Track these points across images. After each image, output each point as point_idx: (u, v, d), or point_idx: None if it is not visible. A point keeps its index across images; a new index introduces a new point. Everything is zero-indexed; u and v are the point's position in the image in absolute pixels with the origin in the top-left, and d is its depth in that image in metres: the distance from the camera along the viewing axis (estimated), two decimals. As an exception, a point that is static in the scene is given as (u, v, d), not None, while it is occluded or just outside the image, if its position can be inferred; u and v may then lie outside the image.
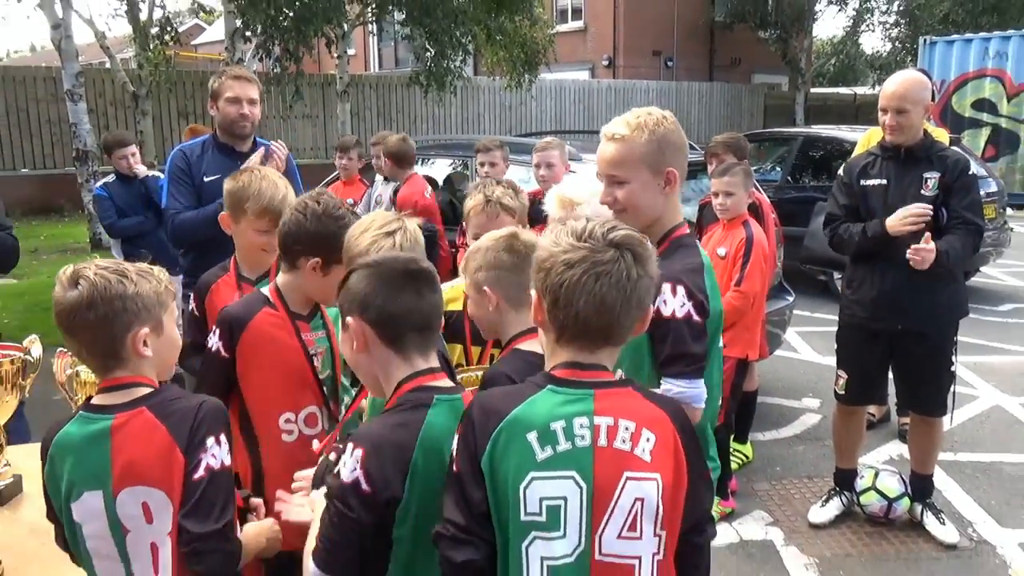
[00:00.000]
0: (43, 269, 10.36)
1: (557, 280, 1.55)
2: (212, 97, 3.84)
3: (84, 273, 1.69)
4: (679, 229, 2.18)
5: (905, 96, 3.63)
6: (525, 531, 1.49)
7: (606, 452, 1.51)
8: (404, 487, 1.58)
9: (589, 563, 1.50)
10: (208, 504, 1.65)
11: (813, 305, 7.76)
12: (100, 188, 5.72)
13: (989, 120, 15.61)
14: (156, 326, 1.74)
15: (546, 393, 1.55)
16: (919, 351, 3.80)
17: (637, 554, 1.53)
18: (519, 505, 1.48)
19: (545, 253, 1.60)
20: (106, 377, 1.74)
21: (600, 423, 1.52)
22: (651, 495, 1.52)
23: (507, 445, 1.50)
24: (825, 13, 36.69)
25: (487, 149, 5.11)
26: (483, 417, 1.53)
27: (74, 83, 11.38)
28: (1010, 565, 3.76)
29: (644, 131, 2.07)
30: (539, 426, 1.51)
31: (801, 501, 4.31)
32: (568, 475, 1.49)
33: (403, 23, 15.33)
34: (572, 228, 1.61)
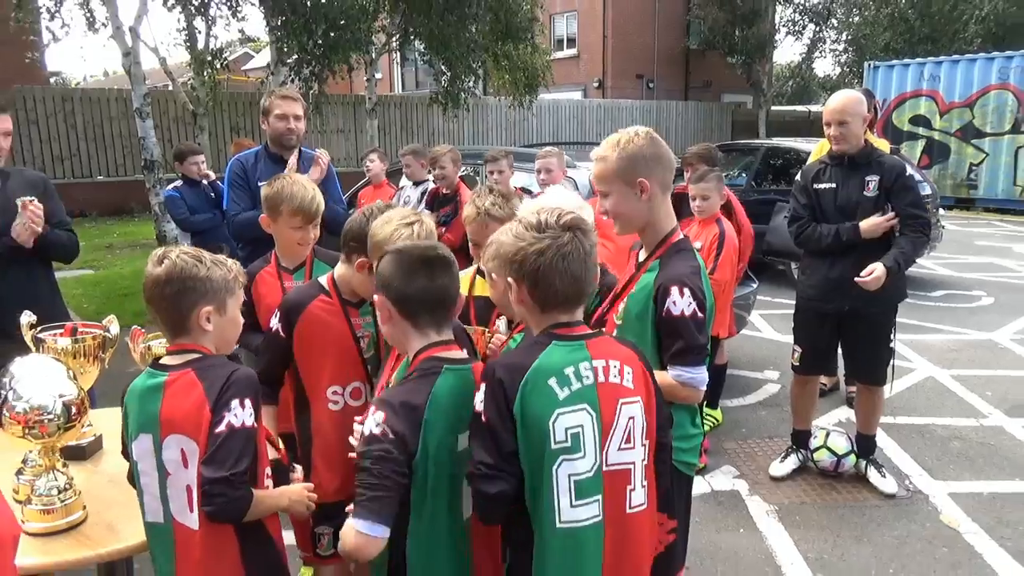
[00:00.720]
0: (116, 262, 10.38)
1: (532, 267, 1.63)
2: (263, 114, 3.85)
3: (169, 255, 1.77)
4: (673, 235, 2.15)
5: (844, 110, 3.64)
6: (555, 457, 1.58)
7: (605, 386, 1.64)
8: (418, 441, 1.60)
9: (602, 473, 1.62)
10: (223, 455, 1.65)
11: (773, 291, 7.74)
12: (172, 190, 5.71)
13: (924, 133, 15.54)
14: (220, 307, 1.79)
15: (553, 347, 1.63)
16: (863, 329, 3.80)
17: (632, 460, 1.67)
18: (549, 437, 1.57)
19: (513, 248, 1.66)
20: (173, 343, 1.80)
21: (597, 365, 1.64)
22: (638, 414, 1.68)
23: (533, 391, 1.58)
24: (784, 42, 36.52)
25: (495, 159, 5.11)
26: (509, 373, 1.59)
27: (142, 103, 11.34)
28: (940, 511, 3.76)
29: (616, 150, 2.09)
30: (556, 372, 1.60)
31: (763, 457, 4.31)
32: (582, 407, 1.60)
33: (423, 52, 15.30)
34: (528, 223, 1.67)
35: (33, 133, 14.14)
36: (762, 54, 23.59)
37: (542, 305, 1.67)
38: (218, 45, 12.98)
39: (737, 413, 4.98)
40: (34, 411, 1.81)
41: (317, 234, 2.73)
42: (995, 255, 10.58)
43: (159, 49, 12.09)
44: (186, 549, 1.72)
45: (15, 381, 1.82)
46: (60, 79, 29.21)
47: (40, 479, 1.92)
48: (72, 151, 14.63)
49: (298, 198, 2.61)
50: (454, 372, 1.69)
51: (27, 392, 1.82)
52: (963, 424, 4.79)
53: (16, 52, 13.44)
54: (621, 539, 1.65)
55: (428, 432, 1.61)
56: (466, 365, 1.73)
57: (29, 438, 1.85)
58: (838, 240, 3.68)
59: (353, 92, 19.82)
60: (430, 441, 1.62)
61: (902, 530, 3.58)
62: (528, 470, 1.60)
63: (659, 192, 2.10)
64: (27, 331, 2.28)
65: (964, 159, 15.20)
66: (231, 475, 1.64)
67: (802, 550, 3.42)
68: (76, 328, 2.33)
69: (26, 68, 13.85)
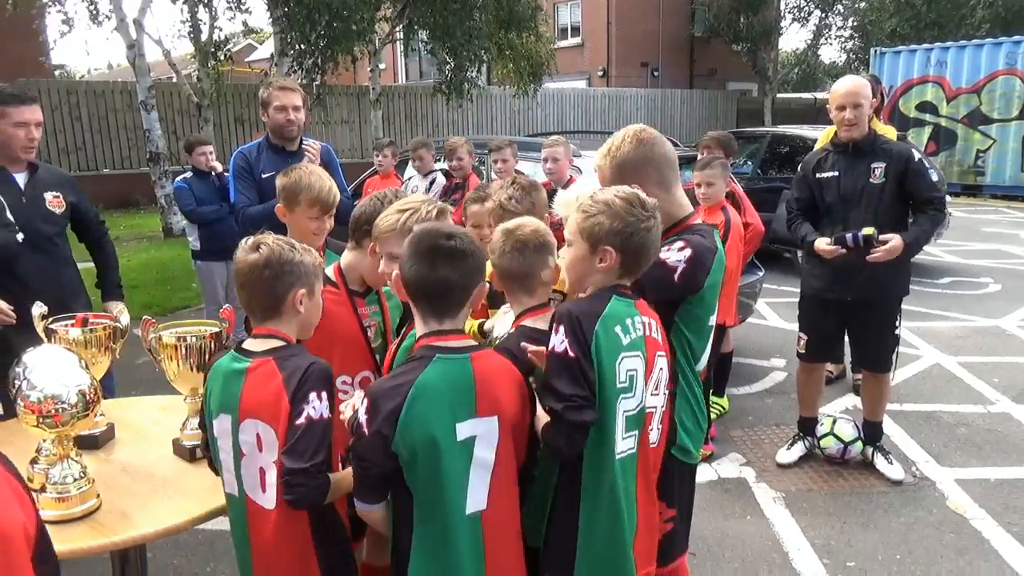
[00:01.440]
0: (123, 254, 10.35)
1: (638, 241, 1.82)
2: (263, 106, 3.83)
3: (264, 241, 1.86)
4: (690, 219, 2.16)
5: (858, 92, 3.62)
6: (618, 394, 1.77)
7: (649, 339, 1.85)
8: (394, 429, 1.61)
9: (643, 411, 1.84)
10: (303, 446, 1.69)
11: (779, 279, 7.72)
12: (180, 181, 5.73)
13: (931, 120, 15.43)
14: (310, 291, 1.89)
15: (615, 300, 1.82)
16: (868, 318, 3.81)
17: (656, 404, 1.90)
18: (615, 376, 1.76)
19: (621, 223, 1.80)
20: (258, 326, 1.87)
21: (644, 320, 1.85)
22: (664, 365, 1.92)
23: (605, 334, 1.75)
24: (789, 29, 36.29)
25: (499, 148, 5.10)
26: (586, 316, 1.75)
27: (146, 95, 11.37)
28: (947, 497, 3.77)
29: (607, 159, 2.17)
30: (621, 321, 1.79)
31: (770, 445, 4.32)
32: (637, 354, 1.81)
33: (427, 40, 15.25)
34: (631, 200, 1.83)
35: (38, 126, 14.15)
36: (767, 41, 23.47)
37: (623, 272, 1.85)
38: (222, 37, 12.99)
39: (744, 401, 4.99)
40: (48, 400, 1.83)
41: (332, 225, 2.74)
42: (1002, 242, 10.54)
43: (163, 41, 12.11)
44: (259, 524, 1.80)
45: (29, 371, 1.84)
46: (65, 72, 29.21)
47: (54, 467, 1.94)
48: (77, 144, 14.65)
49: (316, 188, 2.62)
50: (447, 361, 1.68)
51: (41, 382, 1.84)
52: (970, 411, 4.78)
53: (21, 45, 13.46)
54: (645, 469, 1.89)
55: (411, 421, 1.61)
56: (464, 354, 1.71)
57: (43, 427, 1.87)
58: (802, 243, 3.78)
59: (357, 83, 19.79)
60: (415, 430, 1.61)
61: (909, 516, 3.59)
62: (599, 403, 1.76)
63: (658, 191, 2.06)
64: (39, 322, 2.30)
65: (971, 145, 15.11)
66: (311, 466, 1.69)
67: (809, 536, 3.44)
68: (87, 319, 2.35)
69: (31, 61, 13.86)
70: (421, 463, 1.63)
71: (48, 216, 3.14)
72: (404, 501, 1.68)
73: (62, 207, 3.20)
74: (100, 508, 1.96)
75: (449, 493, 1.65)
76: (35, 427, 1.87)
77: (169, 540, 3.32)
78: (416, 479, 1.65)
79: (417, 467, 1.63)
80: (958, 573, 3.17)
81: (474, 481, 1.67)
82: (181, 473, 2.17)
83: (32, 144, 3.02)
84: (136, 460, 2.25)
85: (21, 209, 3.02)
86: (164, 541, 3.28)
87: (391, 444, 1.61)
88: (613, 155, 2.13)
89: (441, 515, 1.66)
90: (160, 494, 2.05)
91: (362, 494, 1.72)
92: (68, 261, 3.28)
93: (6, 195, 2.98)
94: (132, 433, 2.45)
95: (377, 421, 1.61)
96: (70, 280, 3.25)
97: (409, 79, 27.83)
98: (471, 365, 1.69)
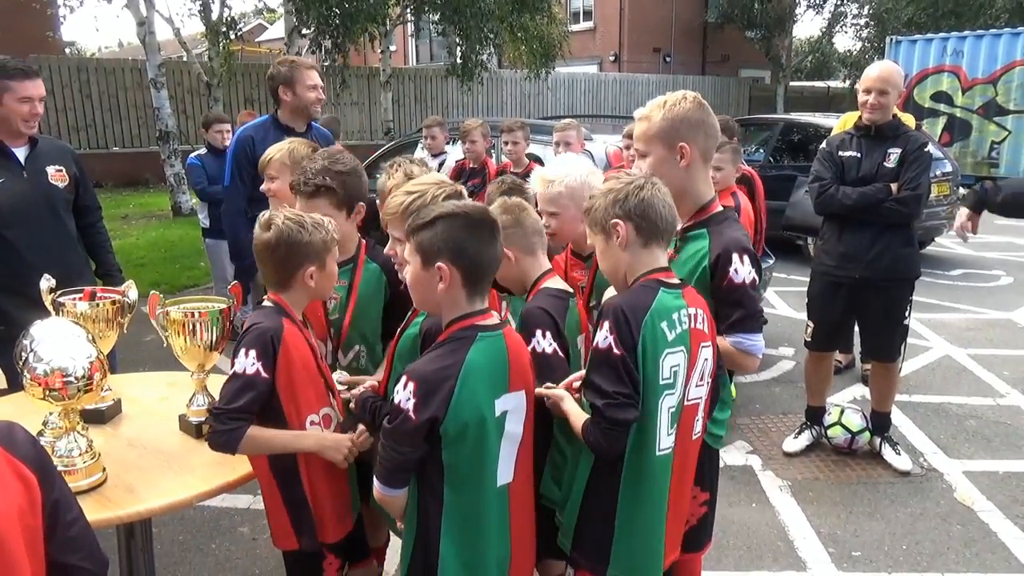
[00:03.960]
0: (132, 232, 10.44)
1: (637, 200, 1.77)
2: (285, 83, 3.65)
3: (275, 221, 1.95)
4: (714, 203, 2.13)
5: (888, 79, 3.63)
6: (662, 390, 1.75)
7: (694, 331, 1.80)
8: (446, 411, 1.60)
9: (684, 405, 1.81)
10: (222, 392, 1.87)
11: (789, 268, 7.68)
12: (194, 158, 5.71)
13: (945, 110, 15.26)
14: (321, 265, 1.99)
15: (663, 293, 1.77)
16: (877, 304, 3.79)
17: (701, 396, 1.87)
18: (659, 372, 1.73)
19: (613, 194, 1.80)
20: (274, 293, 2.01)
21: (691, 312, 1.80)
22: (710, 356, 1.86)
23: (651, 331, 1.72)
24: (804, 16, 35.92)
25: (511, 130, 5.07)
26: (633, 312, 1.72)
27: (156, 73, 11.34)
28: (955, 489, 3.75)
29: (661, 110, 2.07)
30: (667, 317, 1.75)
31: (777, 434, 4.31)
32: (680, 349, 1.77)
33: (437, 22, 15.14)
34: (612, 178, 1.82)
35: (49, 103, 14.04)
36: (781, 28, 23.23)
37: (646, 238, 1.79)
38: (232, 15, 12.92)
39: (751, 389, 4.97)
40: (55, 373, 1.82)
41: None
42: (1015, 234, 10.44)
43: (173, 19, 12.06)
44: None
45: (36, 343, 1.83)
46: (75, 49, 29.19)
47: (60, 440, 1.94)
48: (87, 121, 14.64)
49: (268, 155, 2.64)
50: (487, 339, 1.69)
51: (48, 354, 1.83)
52: (979, 403, 4.75)
53: (31, 22, 13.43)
54: (683, 463, 1.87)
55: (463, 401, 1.61)
56: (498, 331, 1.72)
57: (50, 400, 1.86)
58: (863, 199, 3.65)
59: (367, 64, 19.72)
60: (464, 410, 1.62)
61: (916, 507, 3.58)
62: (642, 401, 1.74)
63: (699, 160, 2.07)
64: (47, 295, 2.29)
65: (986, 137, 14.93)
66: (218, 411, 1.85)
67: (815, 525, 3.43)
68: (95, 293, 2.34)
69: (42, 38, 13.85)
70: (468, 441, 1.64)
71: (50, 191, 3.08)
72: (431, 476, 1.67)
73: (65, 181, 3.13)
74: (106, 482, 1.96)
75: (485, 467, 1.68)
76: (41, 399, 1.86)
77: (174, 516, 3.35)
78: (459, 455, 1.65)
79: (462, 445, 1.64)
80: (964, 565, 3.15)
81: (504, 454, 1.70)
82: (187, 449, 2.16)
83: (34, 119, 2.96)
84: (143, 435, 2.25)
85: (22, 184, 2.98)
86: (169, 517, 3.31)
87: (439, 426, 1.60)
88: (670, 109, 2.05)
89: (474, 488, 1.68)
90: (166, 469, 2.04)
91: (390, 480, 1.68)
92: (72, 238, 3.21)
93: (6, 170, 2.94)
94: (139, 408, 2.44)
95: (431, 406, 1.59)
96: (74, 258, 3.19)
97: (420, 61, 27.69)
98: (504, 342, 1.72)
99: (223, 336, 2.21)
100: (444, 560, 1.67)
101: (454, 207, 1.71)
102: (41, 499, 1.13)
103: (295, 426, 1.97)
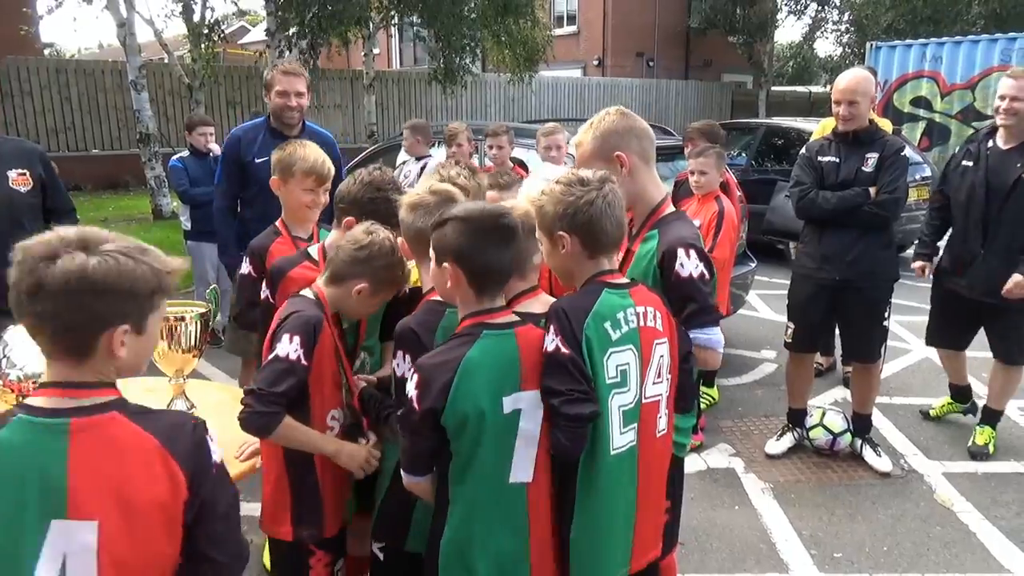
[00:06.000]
0: (112, 235, 10.30)
1: (584, 217, 1.77)
2: (265, 88, 3.77)
3: (379, 232, 2.05)
4: (664, 204, 2.19)
5: (856, 89, 3.67)
6: (609, 389, 1.75)
7: (645, 329, 1.81)
8: (444, 403, 1.65)
9: (640, 404, 1.81)
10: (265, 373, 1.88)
11: (771, 272, 7.73)
12: (176, 160, 5.67)
13: (925, 115, 15.42)
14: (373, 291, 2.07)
15: (605, 294, 1.79)
16: (857, 305, 3.82)
17: (660, 393, 1.87)
18: (604, 372, 1.74)
19: (563, 203, 1.78)
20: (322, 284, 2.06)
21: (640, 310, 1.81)
22: (666, 352, 1.87)
23: (594, 331, 1.73)
24: (785, 21, 36.22)
25: (495, 134, 5.07)
26: (574, 313, 1.73)
27: (137, 75, 11.23)
28: (935, 490, 3.78)
29: (589, 132, 2.16)
30: (610, 317, 1.76)
31: (759, 436, 4.33)
32: (629, 348, 1.78)
33: (419, 26, 15.10)
34: (568, 181, 1.81)
35: (27, 105, 13.96)
36: (763, 34, 23.39)
37: (591, 251, 1.81)
38: (214, 18, 12.84)
39: (733, 392, 4.99)
40: (28, 379, 1.80)
41: (327, 200, 2.70)
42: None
43: (154, 21, 11.96)
44: None
45: (9, 349, 1.81)
46: (54, 50, 28.87)
47: (35, 448, 1.90)
48: (67, 124, 14.47)
49: (311, 159, 2.63)
50: (493, 337, 1.71)
51: (21, 360, 1.80)
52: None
53: (8, 23, 13.27)
54: (648, 461, 1.86)
55: (460, 396, 1.65)
56: (508, 330, 1.74)
57: (24, 406, 1.83)
58: (842, 203, 3.69)
59: (351, 67, 19.65)
60: (465, 405, 1.65)
61: (896, 509, 3.60)
62: None
63: (640, 163, 2.14)
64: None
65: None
66: (257, 392, 1.85)
67: (797, 527, 3.44)
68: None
69: (19, 39, 13.67)
70: (467, 433, 1.68)
71: (11, 196, 3.00)
72: (444, 464, 1.74)
73: (29, 184, 3.06)
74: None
75: (487, 461, 1.70)
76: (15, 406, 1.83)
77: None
78: (461, 447, 1.69)
79: (462, 437, 1.68)
80: (944, 565, 3.18)
81: (520, 453, 1.71)
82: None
83: None
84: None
85: None
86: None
87: (440, 418, 1.66)
88: (596, 126, 2.14)
89: (479, 481, 1.71)
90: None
91: (412, 466, 1.77)
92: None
93: None
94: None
95: (429, 397, 1.65)
96: None
97: (403, 65, 27.65)
98: (515, 340, 1.73)
99: (203, 340, 2.19)
100: (445, 542, 1.73)
101: (467, 210, 1.73)
102: (187, 497, 1.27)
103: (317, 419, 2.02)
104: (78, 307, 1.20)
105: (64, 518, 1.20)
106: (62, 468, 1.20)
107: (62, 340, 1.24)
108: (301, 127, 3.81)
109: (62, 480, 1.20)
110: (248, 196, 3.79)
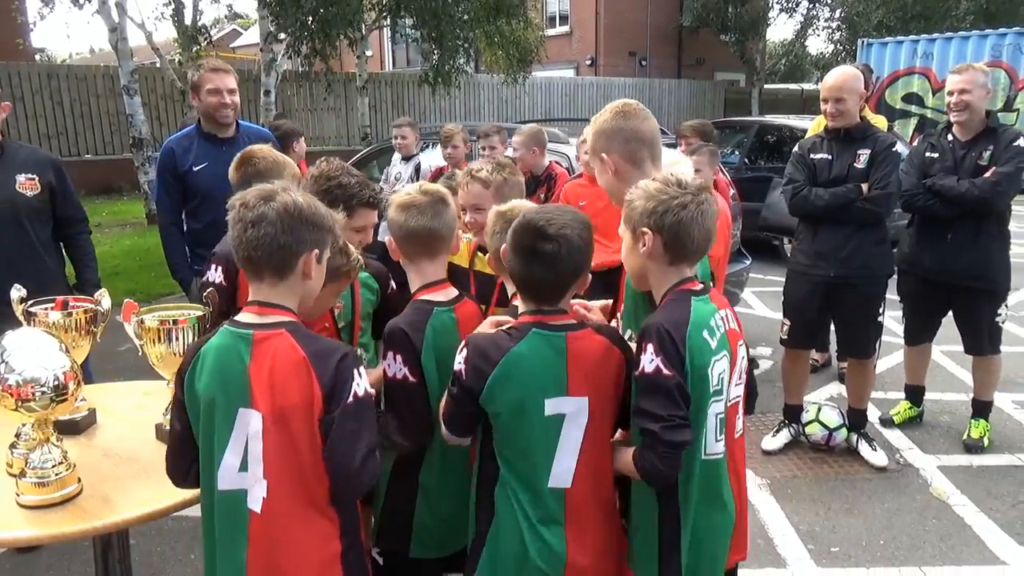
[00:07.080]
0: (106, 240, 10.28)
1: (674, 220, 1.72)
2: (193, 89, 3.59)
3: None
4: None
5: (842, 88, 3.71)
6: (711, 397, 1.72)
7: (731, 332, 1.80)
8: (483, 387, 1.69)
9: (729, 407, 1.79)
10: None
11: (766, 269, 7.75)
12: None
13: (916, 111, 15.48)
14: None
15: (696, 302, 1.75)
16: (851, 300, 3.85)
17: (740, 393, 1.85)
18: (708, 381, 1.71)
19: (655, 201, 1.74)
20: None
21: (722, 314, 1.80)
22: (744, 352, 1.87)
23: (695, 342, 1.69)
24: (777, 20, 36.26)
25: (487, 135, 5.08)
26: (675, 329, 1.68)
27: (129, 79, 11.20)
28: (930, 483, 3.80)
29: (592, 127, 2.16)
30: (706, 325, 1.73)
31: (755, 432, 4.34)
32: (724, 354, 1.76)
33: (412, 27, 15.09)
34: (666, 180, 1.77)
35: (19, 110, 13.90)
36: (755, 32, 23.46)
37: (672, 257, 1.76)
38: (205, 21, 12.83)
39: (729, 389, 5.00)
40: (27, 384, 1.80)
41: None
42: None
43: (145, 24, 11.92)
44: None
45: (8, 354, 1.81)
46: (46, 56, 28.78)
47: (34, 452, 1.90)
48: (59, 129, 14.42)
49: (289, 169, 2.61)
50: (542, 336, 1.71)
51: (20, 365, 1.80)
52: (953, 399, 4.83)
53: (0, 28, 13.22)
54: (733, 460, 1.83)
55: (498, 386, 1.68)
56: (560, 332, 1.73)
57: (22, 411, 1.83)
58: (835, 199, 3.72)
59: (344, 69, 19.63)
60: (502, 395, 1.68)
61: (892, 502, 3.62)
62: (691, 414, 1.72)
63: (627, 165, 2.07)
64: (18, 305, 2.25)
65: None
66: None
67: (793, 522, 3.46)
68: (67, 302, 2.31)
69: (10, 45, 13.64)
70: (503, 421, 1.71)
71: (14, 198, 3.04)
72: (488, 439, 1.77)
73: (36, 189, 3.10)
74: (81, 493, 1.93)
75: (528, 461, 1.71)
76: (14, 411, 1.83)
77: (152, 526, 3.30)
78: (498, 432, 1.73)
79: (498, 423, 1.72)
80: (940, 558, 3.20)
81: (561, 458, 1.70)
82: (164, 458, 2.13)
83: None
84: (118, 445, 2.22)
85: None
86: (147, 527, 3.26)
87: (479, 398, 1.70)
88: (595, 122, 2.15)
89: (517, 471, 1.72)
90: (143, 479, 2.02)
91: (451, 424, 1.79)
92: (39, 248, 3.16)
93: None
94: (114, 418, 2.41)
95: (469, 376, 1.70)
96: (42, 267, 3.14)
97: (396, 66, 27.63)
98: (565, 343, 1.71)
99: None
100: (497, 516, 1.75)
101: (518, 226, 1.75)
102: (320, 412, 1.53)
103: None
104: (290, 229, 1.56)
105: (248, 407, 1.55)
106: (245, 368, 1.55)
107: (272, 259, 1.57)
108: (236, 127, 3.66)
109: (246, 377, 1.55)
110: (191, 208, 3.64)
